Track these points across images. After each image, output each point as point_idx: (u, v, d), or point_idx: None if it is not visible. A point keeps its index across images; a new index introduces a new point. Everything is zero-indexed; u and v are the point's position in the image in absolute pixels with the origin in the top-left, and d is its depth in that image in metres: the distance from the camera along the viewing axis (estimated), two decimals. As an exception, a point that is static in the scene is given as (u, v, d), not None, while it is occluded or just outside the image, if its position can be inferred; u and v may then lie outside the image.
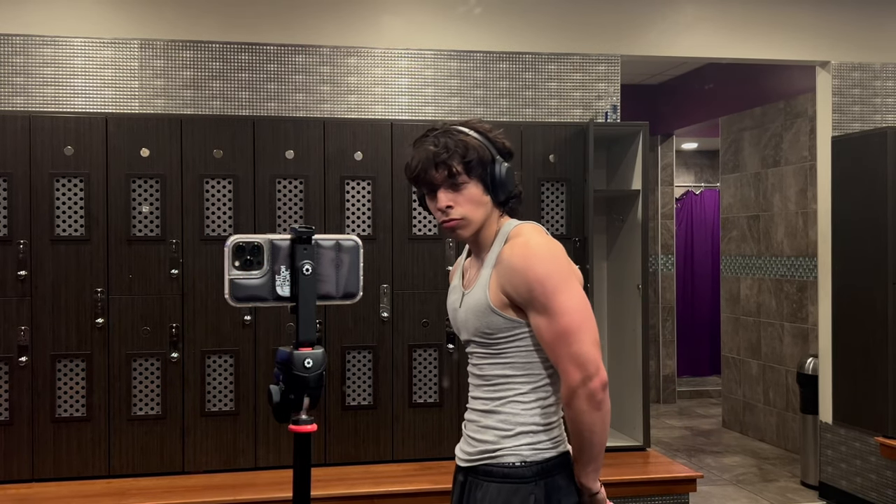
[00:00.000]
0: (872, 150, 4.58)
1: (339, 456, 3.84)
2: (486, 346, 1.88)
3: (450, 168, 1.85)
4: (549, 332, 1.77)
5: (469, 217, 1.88)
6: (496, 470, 1.84)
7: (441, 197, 1.87)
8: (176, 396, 3.71)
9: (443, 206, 1.87)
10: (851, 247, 4.73)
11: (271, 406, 1.36)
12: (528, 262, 1.79)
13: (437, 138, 1.88)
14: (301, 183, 3.82)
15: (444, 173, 1.86)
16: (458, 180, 1.86)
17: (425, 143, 1.89)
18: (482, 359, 1.89)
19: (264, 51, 4.15)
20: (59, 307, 3.62)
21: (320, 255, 1.37)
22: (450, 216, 1.87)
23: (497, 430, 1.86)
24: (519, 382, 1.85)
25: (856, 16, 4.89)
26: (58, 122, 3.64)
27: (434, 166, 1.86)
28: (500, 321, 1.83)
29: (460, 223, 1.88)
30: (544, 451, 1.84)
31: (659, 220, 8.18)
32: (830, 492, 4.97)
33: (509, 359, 1.86)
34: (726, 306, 7.13)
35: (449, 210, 1.87)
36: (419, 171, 1.88)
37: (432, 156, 1.86)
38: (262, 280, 1.35)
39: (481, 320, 1.86)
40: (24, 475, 3.60)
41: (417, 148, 1.91)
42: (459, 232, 1.90)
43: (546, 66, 4.46)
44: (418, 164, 1.88)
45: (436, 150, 1.86)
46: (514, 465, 1.83)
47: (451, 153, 1.86)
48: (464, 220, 1.88)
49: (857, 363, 4.67)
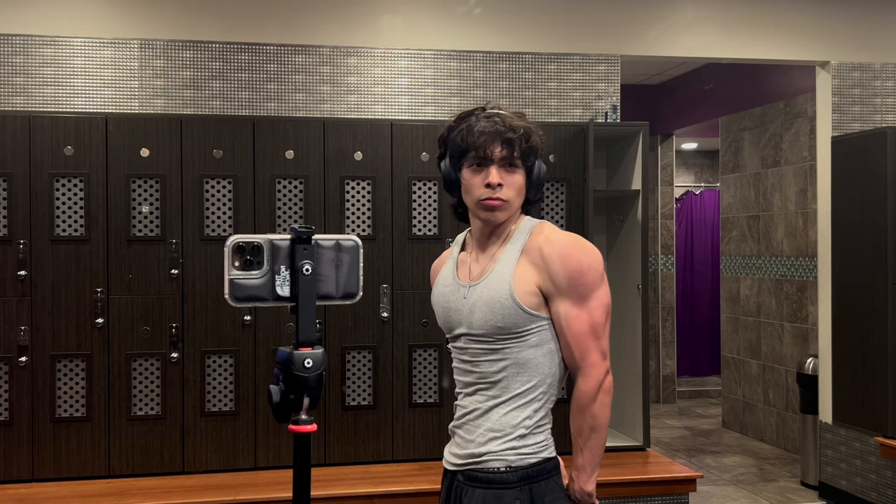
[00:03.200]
0: (872, 150, 4.58)
1: (338, 456, 3.84)
2: (489, 342, 1.84)
3: (513, 148, 1.83)
4: (580, 323, 1.81)
5: (511, 202, 1.86)
6: (481, 475, 1.83)
7: (494, 172, 1.84)
8: (176, 396, 3.71)
9: (495, 181, 1.83)
10: (851, 247, 4.73)
11: (271, 406, 1.36)
12: (573, 250, 1.83)
13: (502, 118, 1.86)
14: (301, 183, 3.82)
15: (505, 151, 1.83)
16: (514, 162, 1.85)
17: (491, 118, 1.86)
18: (480, 355, 1.86)
19: (264, 51, 4.15)
20: (59, 307, 3.62)
21: (320, 255, 1.37)
22: (497, 194, 1.84)
23: (487, 433, 1.84)
24: (517, 382, 1.83)
25: (856, 16, 4.89)
26: (58, 122, 3.64)
27: (500, 141, 1.83)
28: (519, 315, 1.81)
29: (504, 205, 1.85)
30: (529, 457, 1.82)
31: (659, 220, 8.18)
32: (830, 492, 4.97)
33: (511, 357, 1.83)
34: (726, 306, 7.14)
35: (499, 188, 1.84)
36: (481, 140, 1.83)
37: (501, 130, 1.84)
38: (262, 280, 1.35)
39: (497, 314, 1.82)
40: (24, 475, 3.60)
41: (477, 119, 1.87)
42: (498, 214, 1.86)
43: (546, 66, 4.46)
44: (482, 134, 1.84)
45: (504, 126, 1.84)
46: (499, 471, 1.81)
47: (517, 135, 1.84)
48: (507, 203, 1.86)
49: (856, 363, 4.67)
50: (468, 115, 1.90)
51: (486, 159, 1.84)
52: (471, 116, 1.89)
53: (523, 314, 1.81)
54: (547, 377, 1.84)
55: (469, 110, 1.92)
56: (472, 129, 1.85)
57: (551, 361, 1.85)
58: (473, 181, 1.86)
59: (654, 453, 4.12)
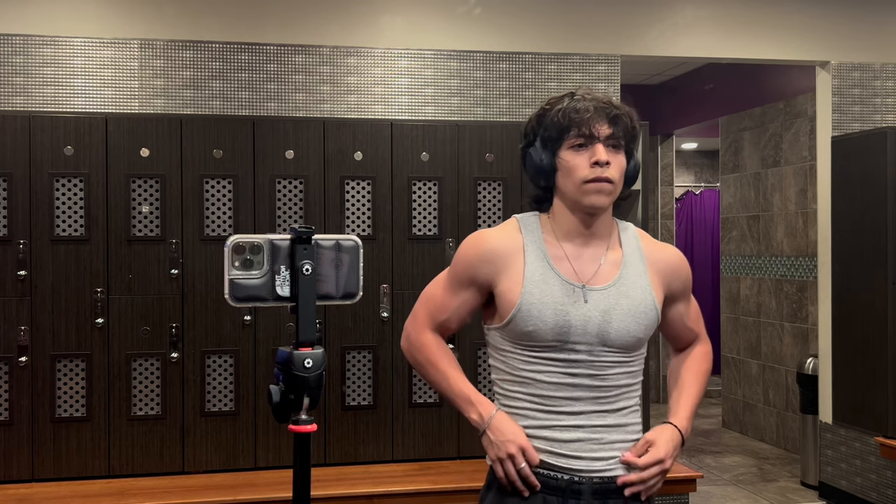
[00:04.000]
0: (872, 150, 4.58)
1: (338, 456, 3.84)
2: (621, 353, 1.73)
3: (619, 126, 1.71)
4: (693, 312, 1.93)
5: (616, 186, 1.72)
6: (617, 486, 1.74)
7: (601, 149, 1.69)
8: (176, 396, 3.71)
9: (603, 158, 1.68)
10: (851, 247, 4.73)
11: (271, 406, 1.36)
12: (682, 256, 1.89)
13: (606, 97, 1.76)
14: (301, 183, 3.82)
15: (612, 130, 1.71)
16: (620, 143, 1.73)
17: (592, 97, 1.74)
18: (608, 368, 1.72)
19: (264, 51, 4.15)
20: (59, 307, 3.62)
21: (320, 255, 1.37)
22: (605, 173, 1.69)
23: (625, 444, 1.75)
24: (636, 389, 1.79)
25: (856, 16, 4.89)
26: (58, 122, 3.64)
27: (608, 118, 1.71)
28: (655, 326, 1.78)
29: (611, 188, 1.71)
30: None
31: (659, 220, 8.18)
32: (830, 492, 4.97)
33: (637, 365, 1.78)
34: (726, 306, 7.14)
35: (607, 166, 1.69)
36: (587, 116, 1.70)
37: (607, 108, 1.72)
38: (262, 280, 1.35)
39: (641, 324, 1.73)
40: (24, 475, 3.60)
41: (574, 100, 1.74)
42: (604, 197, 1.71)
43: (546, 66, 4.46)
44: (587, 111, 1.70)
45: (610, 105, 1.72)
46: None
47: (624, 113, 1.74)
48: (613, 186, 1.71)
49: (856, 363, 4.67)
50: (561, 99, 1.77)
51: (591, 137, 1.70)
52: (565, 98, 1.77)
53: (656, 324, 1.79)
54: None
55: (559, 95, 1.79)
56: (575, 107, 1.71)
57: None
58: (577, 161, 1.70)
59: (654, 453, 4.11)
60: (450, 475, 3.68)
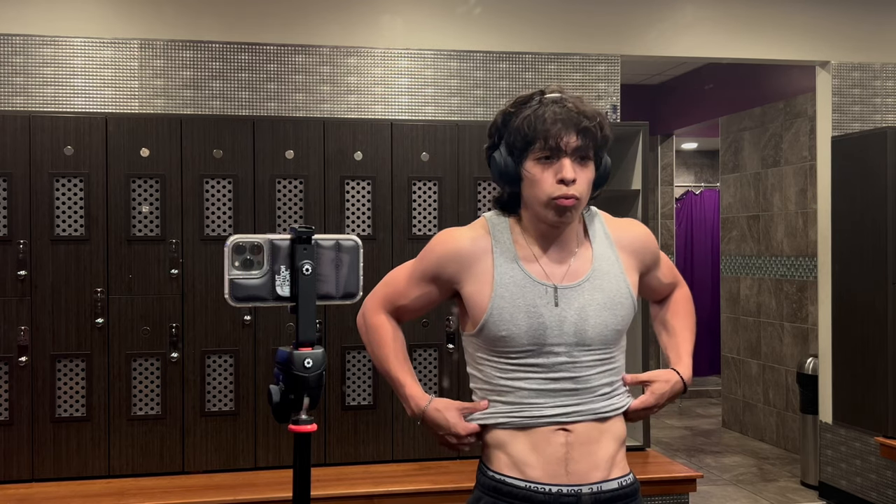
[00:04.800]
0: (872, 150, 4.58)
1: (338, 456, 3.84)
2: (601, 349, 1.69)
3: (588, 138, 1.61)
4: (666, 269, 1.90)
5: (583, 200, 1.65)
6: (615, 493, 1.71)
7: (567, 165, 1.60)
8: (176, 396, 3.71)
9: (570, 176, 1.60)
10: (851, 247, 4.73)
11: (271, 406, 1.36)
12: (645, 228, 1.86)
13: (574, 103, 1.63)
14: (301, 183, 3.82)
15: (580, 142, 1.61)
16: (588, 154, 1.63)
17: (560, 103, 1.63)
18: (589, 368, 1.69)
19: (264, 51, 4.15)
20: (59, 307, 3.62)
21: (320, 255, 1.37)
22: (571, 191, 1.61)
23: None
24: (618, 389, 1.75)
25: (856, 16, 4.89)
26: (58, 122, 3.64)
27: (576, 130, 1.60)
28: (632, 313, 1.73)
29: (577, 204, 1.63)
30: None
31: (659, 220, 8.18)
32: (830, 492, 4.97)
33: (617, 362, 1.74)
34: (726, 306, 7.14)
35: (573, 184, 1.61)
36: (554, 129, 1.60)
37: (575, 117, 1.60)
38: (262, 280, 1.35)
39: (618, 315, 1.69)
40: (24, 475, 3.60)
41: (542, 105, 1.64)
42: (570, 215, 1.64)
43: (546, 66, 4.46)
44: (554, 122, 1.60)
45: (577, 112, 1.61)
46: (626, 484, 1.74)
47: (593, 123, 1.62)
48: (579, 203, 1.64)
49: (856, 363, 4.67)
50: (528, 100, 1.67)
51: (557, 150, 1.61)
52: (531, 101, 1.66)
53: (633, 312, 1.74)
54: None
55: (526, 95, 1.69)
56: (542, 116, 1.61)
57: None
58: (542, 176, 1.62)
59: (654, 453, 4.12)
60: (450, 475, 3.68)
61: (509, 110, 1.69)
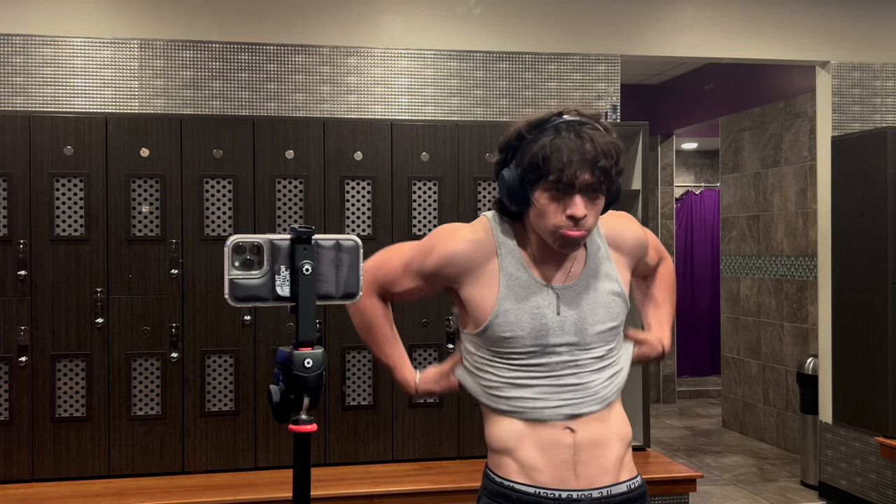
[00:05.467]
0: (872, 150, 4.58)
1: (338, 456, 3.84)
2: (604, 345, 1.71)
3: (603, 177, 1.59)
4: (652, 251, 1.91)
5: (591, 229, 1.64)
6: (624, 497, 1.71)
7: (579, 203, 1.59)
8: (176, 396, 3.71)
9: (580, 214, 1.58)
10: (851, 247, 4.73)
11: (271, 406, 1.36)
12: (634, 221, 1.87)
13: (591, 137, 1.59)
14: (301, 183, 3.82)
15: (593, 180, 1.58)
16: (601, 189, 1.61)
17: (580, 134, 1.59)
18: (590, 365, 1.70)
19: (264, 51, 4.15)
20: (59, 307, 3.62)
21: (320, 255, 1.37)
22: (582, 228, 1.60)
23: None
24: (618, 386, 1.75)
25: (856, 16, 4.89)
26: (58, 122, 3.64)
27: (591, 168, 1.58)
28: (625, 311, 1.75)
29: (585, 236, 1.63)
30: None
31: (659, 220, 8.18)
32: (830, 492, 4.97)
33: (615, 358, 1.75)
34: (726, 306, 7.14)
35: (583, 222, 1.60)
36: (569, 168, 1.56)
37: (593, 156, 1.57)
38: (262, 280, 1.35)
39: (613, 312, 1.71)
40: (24, 475, 3.60)
41: (559, 134, 1.59)
42: (576, 246, 1.65)
43: (546, 66, 4.46)
44: (571, 161, 1.56)
45: (596, 151, 1.58)
46: (634, 487, 1.74)
47: (609, 161, 1.59)
48: (588, 234, 1.64)
49: (856, 363, 4.67)
50: (544, 124, 1.62)
51: (571, 186, 1.58)
52: (547, 126, 1.61)
53: (626, 308, 1.76)
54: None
55: (542, 117, 1.63)
56: (558, 148, 1.57)
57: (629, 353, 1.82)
58: (551, 208, 1.60)
59: (654, 453, 4.12)
60: (450, 475, 3.68)
61: (525, 132, 1.63)
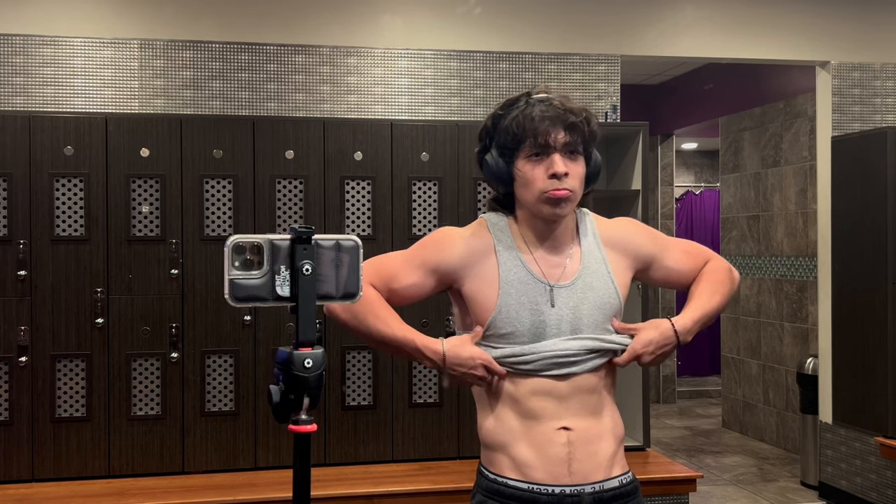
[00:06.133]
0: (872, 150, 4.58)
1: (338, 456, 3.84)
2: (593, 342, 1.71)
3: (576, 133, 1.65)
4: (682, 256, 1.85)
5: (577, 193, 1.69)
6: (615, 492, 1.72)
7: (558, 160, 1.65)
8: (176, 396, 3.71)
9: (561, 170, 1.64)
10: (851, 247, 4.73)
11: (271, 406, 1.36)
12: (632, 221, 1.86)
13: (560, 101, 1.68)
14: (301, 183, 3.82)
15: (568, 137, 1.65)
16: (578, 149, 1.67)
17: (546, 102, 1.67)
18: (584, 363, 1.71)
19: (264, 51, 4.15)
20: (59, 307, 3.62)
21: (320, 255, 1.37)
22: (564, 185, 1.65)
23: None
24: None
25: (856, 16, 4.89)
26: (58, 122, 3.64)
27: (563, 126, 1.65)
28: (620, 310, 1.74)
29: (571, 196, 1.67)
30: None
31: (659, 220, 8.18)
32: (830, 492, 4.97)
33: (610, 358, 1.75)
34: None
35: (565, 178, 1.65)
36: (542, 126, 1.64)
37: (562, 114, 1.65)
38: (262, 280, 1.35)
39: (607, 313, 1.71)
40: (24, 475, 3.60)
41: (529, 105, 1.67)
42: (564, 207, 1.67)
43: (546, 66, 4.46)
44: (542, 120, 1.64)
45: (565, 110, 1.66)
46: (626, 483, 1.75)
47: (580, 119, 1.67)
48: (573, 195, 1.68)
49: (856, 363, 4.67)
50: (514, 102, 1.71)
51: (547, 147, 1.65)
52: (518, 102, 1.70)
53: (621, 309, 1.75)
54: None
55: (513, 97, 1.73)
56: (530, 115, 1.65)
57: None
58: (534, 173, 1.66)
59: (655, 453, 4.12)
60: (450, 475, 3.68)
61: (498, 113, 1.72)
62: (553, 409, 1.68)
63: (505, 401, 1.72)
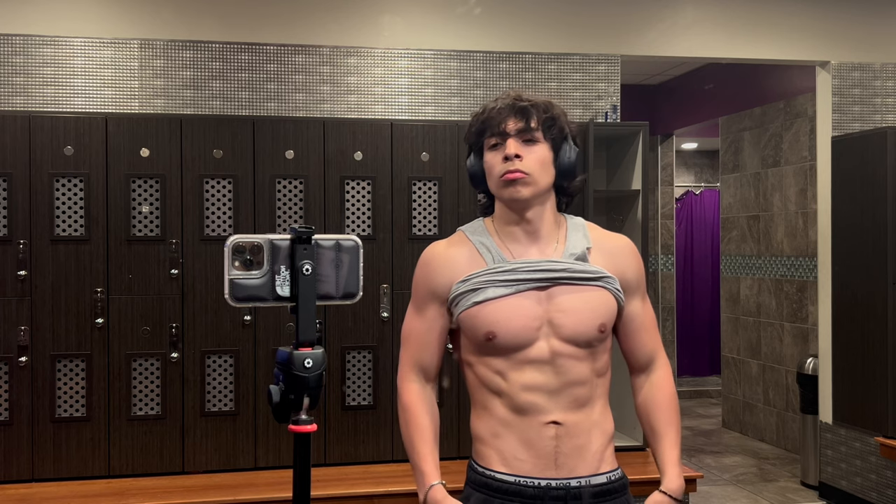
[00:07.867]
0: (872, 150, 4.58)
1: (338, 456, 3.84)
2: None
3: (528, 118, 1.72)
4: (650, 316, 1.85)
5: (534, 176, 1.71)
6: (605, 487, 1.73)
7: (511, 143, 1.71)
8: (176, 396, 3.71)
9: (511, 152, 1.70)
10: (851, 247, 4.73)
11: (271, 406, 1.36)
12: (634, 247, 1.85)
13: (518, 93, 1.77)
14: (301, 183, 3.82)
15: (521, 123, 1.71)
16: (533, 135, 1.72)
17: (506, 96, 1.77)
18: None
19: (264, 51, 4.15)
20: (59, 307, 3.62)
21: (320, 255, 1.37)
22: (515, 166, 1.70)
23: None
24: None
25: (856, 16, 4.89)
26: (58, 122, 3.64)
27: (514, 112, 1.72)
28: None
29: (525, 178, 1.70)
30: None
31: (659, 220, 8.18)
32: (830, 492, 4.97)
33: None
34: (726, 306, 7.13)
35: (516, 159, 1.70)
36: (495, 114, 1.73)
37: (521, 106, 1.73)
38: (262, 280, 1.35)
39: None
40: (24, 475, 3.60)
41: (494, 102, 1.78)
42: (521, 188, 1.70)
43: (546, 66, 4.46)
44: (495, 109, 1.74)
45: (523, 100, 1.74)
46: (615, 479, 1.76)
47: (534, 105, 1.73)
48: (529, 177, 1.70)
49: (856, 363, 4.67)
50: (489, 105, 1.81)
51: (504, 135, 1.72)
52: (490, 103, 1.81)
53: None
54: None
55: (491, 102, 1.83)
56: (493, 109, 1.75)
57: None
58: (494, 160, 1.73)
59: (654, 453, 4.11)
60: (450, 475, 3.65)
61: (475, 117, 1.80)
62: (543, 403, 1.70)
63: (496, 395, 1.74)
